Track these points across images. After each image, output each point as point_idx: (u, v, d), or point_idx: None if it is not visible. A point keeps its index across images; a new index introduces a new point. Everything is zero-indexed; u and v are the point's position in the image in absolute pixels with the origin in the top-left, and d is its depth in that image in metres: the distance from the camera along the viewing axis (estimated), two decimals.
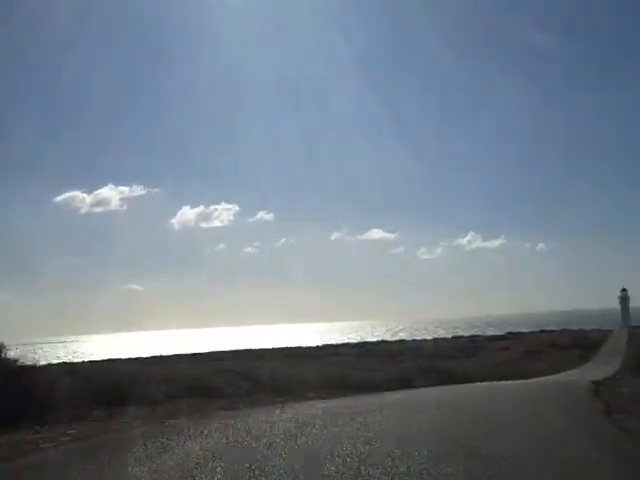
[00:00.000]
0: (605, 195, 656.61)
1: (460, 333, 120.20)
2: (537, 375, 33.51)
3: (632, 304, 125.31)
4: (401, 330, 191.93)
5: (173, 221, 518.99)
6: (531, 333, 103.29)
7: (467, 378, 23.49)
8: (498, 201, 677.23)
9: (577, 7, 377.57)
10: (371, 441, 9.62)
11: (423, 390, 18.21)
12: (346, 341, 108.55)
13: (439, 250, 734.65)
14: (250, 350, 76.09)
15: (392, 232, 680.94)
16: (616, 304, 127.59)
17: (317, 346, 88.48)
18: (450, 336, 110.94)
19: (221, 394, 18.88)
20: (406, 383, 21.54)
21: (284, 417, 12.35)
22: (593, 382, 17.05)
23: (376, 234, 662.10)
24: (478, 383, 21.08)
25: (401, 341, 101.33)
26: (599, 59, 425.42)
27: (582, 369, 36.41)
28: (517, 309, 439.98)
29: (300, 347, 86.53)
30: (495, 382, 20.53)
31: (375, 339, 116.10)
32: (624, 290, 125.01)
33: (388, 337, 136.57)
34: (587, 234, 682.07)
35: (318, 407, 13.67)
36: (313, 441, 9.84)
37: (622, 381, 18.41)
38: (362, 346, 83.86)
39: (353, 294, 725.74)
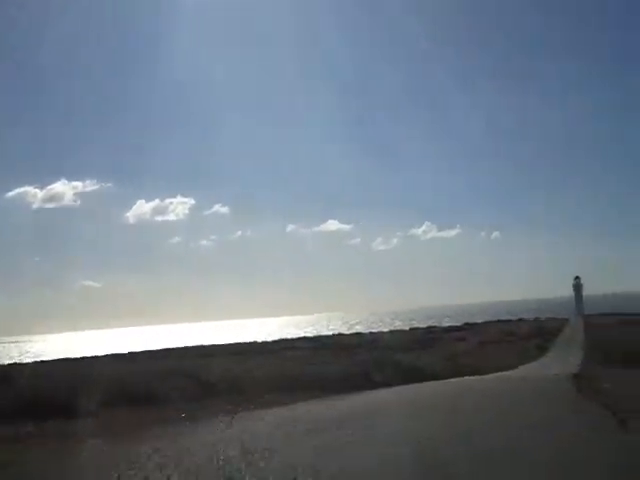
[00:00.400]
0: (558, 185, 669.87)
1: (416, 324, 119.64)
2: (500, 368, 32.55)
3: (585, 292, 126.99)
4: (358, 323, 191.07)
5: (128, 215, 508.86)
6: (487, 323, 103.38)
7: (431, 373, 21.90)
8: (453, 191, 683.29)
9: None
10: None
11: (384, 393, 16.27)
12: (302, 335, 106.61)
13: (395, 241, 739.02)
14: (203, 346, 73.58)
15: (348, 223, 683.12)
16: (570, 292, 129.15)
17: (273, 341, 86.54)
18: (407, 327, 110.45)
19: (165, 399, 16.93)
20: (364, 380, 19.91)
21: (227, 436, 10.36)
22: (575, 376, 15.60)
23: (332, 225, 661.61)
24: (443, 380, 19.43)
25: (358, 334, 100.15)
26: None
27: (545, 360, 35.54)
28: (473, 299, 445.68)
29: (255, 342, 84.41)
30: (461, 378, 18.73)
31: (331, 332, 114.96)
32: (577, 278, 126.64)
33: (344, 330, 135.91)
34: (541, 222, 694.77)
35: (269, 420, 11.59)
36: None
37: (599, 375, 17.15)
38: (318, 340, 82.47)
39: (310, 287, 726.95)
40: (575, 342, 50.44)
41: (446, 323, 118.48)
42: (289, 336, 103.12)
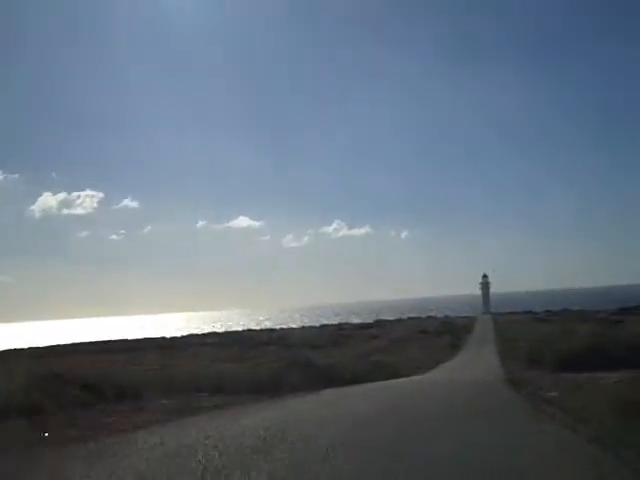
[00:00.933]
0: (466, 186, 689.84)
1: (325, 322, 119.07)
2: (419, 367, 31.52)
3: (493, 290, 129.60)
4: (267, 319, 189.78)
5: (33, 208, 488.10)
6: (399, 320, 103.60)
7: (350, 374, 20.12)
8: (363, 190, 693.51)
9: None
10: None
11: (297, 405, 13.65)
12: (212, 330, 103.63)
13: (306, 238, 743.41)
14: (103, 342, 69.29)
15: (259, 220, 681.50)
16: (476, 290, 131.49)
17: (182, 336, 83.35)
18: (317, 324, 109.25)
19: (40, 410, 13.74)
20: (274, 385, 17.71)
21: None
22: (511, 382, 13.96)
23: (242, 222, 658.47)
24: (361, 385, 17.52)
25: (270, 330, 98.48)
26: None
27: (461, 359, 34.98)
28: (382, 296, 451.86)
29: (164, 338, 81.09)
30: (386, 382, 16.93)
31: (241, 328, 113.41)
32: (485, 277, 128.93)
33: (253, 325, 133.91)
34: (450, 223, 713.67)
35: (142, 457, 6.94)
36: None
37: (536, 380, 15.69)
38: (227, 336, 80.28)
39: (219, 283, 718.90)
40: (487, 340, 50.21)
41: (354, 320, 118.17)
42: (197, 331, 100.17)
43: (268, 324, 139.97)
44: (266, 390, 17.18)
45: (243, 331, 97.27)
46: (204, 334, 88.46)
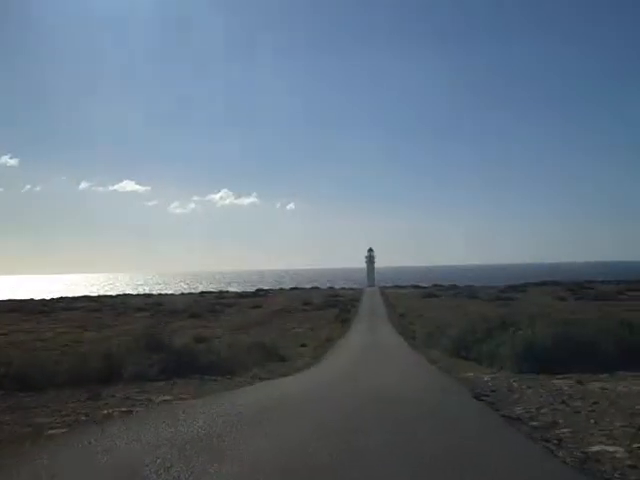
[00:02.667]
0: (352, 159, 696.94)
1: (207, 289, 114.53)
2: (304, 344, 27.42)
3: (377, 264, 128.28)
4: (148, 284, 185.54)
5: None
6: (282, 290, 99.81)
7: (216, 356, 15.11)
8: (251, 160, 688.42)
9: None
10: None
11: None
12: (86, 294, 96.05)
13: (192, 205, 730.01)
14: None
15: (145, 185, 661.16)
16: (362, 264, 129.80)
17: (52, 299, 76.26)
18: (198, 291, 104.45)
19: None
20: (103, 373, 12.33)
21: None
22: (481, 400, 8.79)
23: (128, 186, 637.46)
24: (223, 383, 12.51)
25: (147, 295, 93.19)
26: None
27: (360, 339, 29.29)
28: (267, 266, 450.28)
29: (32, 300, 73.57)
30: (252, 388, 12.04)
31: (116, 293, 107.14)
32: (370, 250, 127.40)
33: (131, 290, 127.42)
34: (336, 195, 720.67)
35: None
36: None
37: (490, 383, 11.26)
38: (100, 300, 73.88)
39: (103, 246, 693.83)
40: (378, 314, 46.39)
41: (237, 289, 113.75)
42: (71, 295, 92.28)
43: (147, 289, 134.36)
44: (90, 381, 11.85)
45: (118, 295, 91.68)
46: (74, 298, 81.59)
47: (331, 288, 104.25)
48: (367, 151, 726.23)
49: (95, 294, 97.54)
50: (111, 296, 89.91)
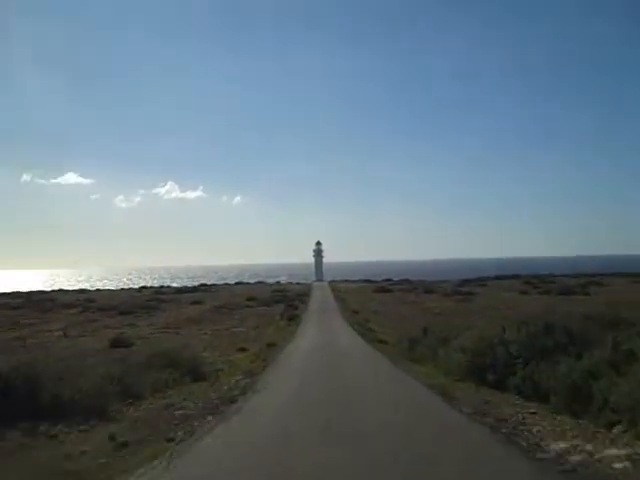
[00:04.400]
0: (300, 153, 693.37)
1: (148, 284, 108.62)
2: (244, 347, 21.93)
3: (326, 259, 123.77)
4: (100, 279, 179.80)
5: None
6: (226, 285, 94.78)
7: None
8: (198, 153, 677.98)
9: None
10: None
11: None
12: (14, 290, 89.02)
13: (138, 199, 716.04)
14: None
15: (89, 177, 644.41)
16: (310, 259, 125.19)
17: None
18: (137, 286, 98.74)
19: None
20: None
21: None
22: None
23: (71, 178, 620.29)
24: None
25: (81, 291, 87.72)
26: None
27: (309, 340, 24.10)
28: (212, 261, 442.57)
29: None
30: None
31: (50, 288, 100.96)
32: (319, 243, 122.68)
33: (66, 286, 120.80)
34: (281, 190, 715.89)
35: None
36: None
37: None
38: (26, 297, 67.84)
39: (45, 241, 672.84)
40: (329, 310, 41.68)
41: (177, 284, 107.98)
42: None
43: (88, 285, 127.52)
44: None
45: (52, 291, 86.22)
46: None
47: (278, 283, 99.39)
48: (314, 144, 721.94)
49: (23, 290, 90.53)
50: (44, 292, 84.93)
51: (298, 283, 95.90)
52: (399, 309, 41.71)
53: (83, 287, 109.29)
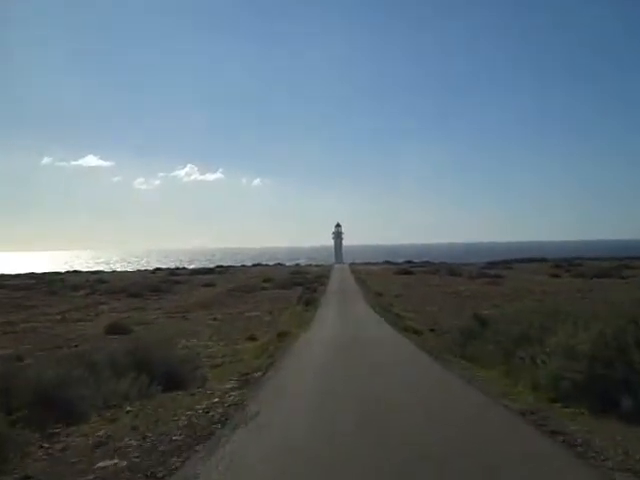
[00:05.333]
0: (322, 135, 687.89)
1: (164, 265, 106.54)
2: (254, 330, 18.60)
3: (345, 242, 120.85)
4: (119, 261, 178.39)
5: None
6: (242, 267, 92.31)
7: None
8: (217, 134, 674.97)
9: None
10: None
11: None
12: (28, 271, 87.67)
13: (157, 182, 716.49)
14: None
15: (109, 160, 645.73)
16: (330, 242, 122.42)
17: None
18: (152, 268, 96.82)
19: None
20: None
21: None
22: None
23: (91, 161, 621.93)
24: None
25: (95, 272, 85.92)
26: None
27: (327, 329, 20.39)
28: (233, 243, 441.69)
29: None
30: None
31: (65, 269, 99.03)
32: (338, 226, 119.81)
33: (88, 268, 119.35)
34: (301, 172, 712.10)
35: None
36: None
37: None
38: (38, 278, 66.67)
39: (66, 223, 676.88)
40: (350, 293, 38.93)
41: (197, 265, 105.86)
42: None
43: (106, 267, 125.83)
44: None
45: (65, 272, 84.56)
46: (13, 275, 73.43)
47: (296, 265, 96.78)
48: (335, 127, 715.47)
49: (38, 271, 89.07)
50: (59, 273, 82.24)
51: (317, 265, 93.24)
52: (425, 292, 38.83)
53: (100, 269, 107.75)
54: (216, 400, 9.13)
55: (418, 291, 39.44)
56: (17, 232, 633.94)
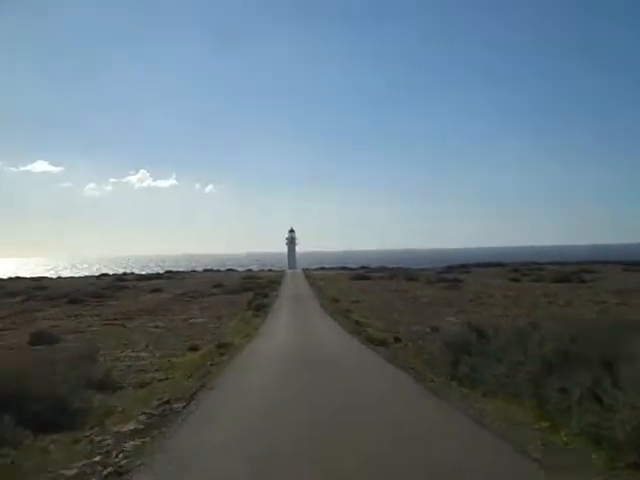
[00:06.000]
0: (270, 140, 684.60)
1: (118, 271, 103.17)
2: (196, 339, 14.82)
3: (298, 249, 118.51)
4: (67, 267, 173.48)
5: None
6: (193, 273, 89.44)
7: None
8: (169, 140, 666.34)
9: None
10: None
11: None
12: None
13: (109, 188, 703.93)
14: None
15: (58, 165, 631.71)
16: (282, 248, 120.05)
17: None
18: (98, 273, 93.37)
19: None
20: None
21: None
22: None
23: (41, 166, 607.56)
24: None
25: (37, 279, 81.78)
26: None
27: (279, 338, 18.30)
28: (186, 250, 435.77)
29: None
30: None
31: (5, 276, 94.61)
32: (292, 231, 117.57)
33: (32, 274, 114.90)
34: (254, 177, 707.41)
35: None
36: None
37: None
38: None
39: (12, 229, 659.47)
40: (303, 297, 36.82)
41: (147, 272, 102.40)
42: None
43: (51, 273, 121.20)
44: None
45: (8, 279, 79.89)
46: None
47: (249, 270, 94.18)
48: (287, 132, 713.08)
49: None
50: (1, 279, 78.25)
51: (270, 270, 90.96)
52: (383, 297, 36.95)
53: (47, 275, 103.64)
54: (97, 459, 6.32)
55: (376, 297, 37.51)
56: None
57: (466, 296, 35.72)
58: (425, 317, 25.20)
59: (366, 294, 39.78)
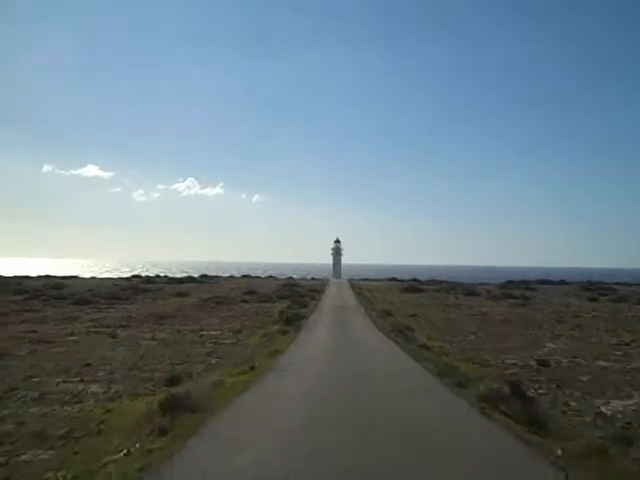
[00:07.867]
0: (319, 153, 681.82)
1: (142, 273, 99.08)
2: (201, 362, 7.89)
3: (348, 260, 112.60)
4: (109, 269, 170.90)
5: None
6: (230, 278, 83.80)
7: None
8: (218, 149, 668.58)
9: None
10: None
11: None
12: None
13: (157, 194, 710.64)
14: None
15: (109, 170, 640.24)
16: (328, 259, 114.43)
17: None
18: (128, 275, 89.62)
19: None
20: None
21: None
22: None
23: (91, 171, 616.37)
24: None
25: (64, 277, 78.89)
26: None
27: (309, 374, 11.34)
28: (232, 258, 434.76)
29: None
30: None
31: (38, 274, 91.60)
32: (337, 241, 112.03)
33: (58, 273, 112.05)
34: (301, 188, 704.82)
35: None
36: None
37: None
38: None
39: (64, 230, 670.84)
40: (349, 307, 30.64)
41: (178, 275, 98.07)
42: None
43: (88, 274, 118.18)
44: None
45: (39, 277, 77.25)
46: None
47: (290, 278, 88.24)
48: (335, 144, 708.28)
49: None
50: (29, 277, 74.57)
51: (313, 278, 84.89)
52: (446, 313, 30.30)
53: (81, 275, 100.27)
54: None
55: (435, 312, 30.97)
56: (17, 238, 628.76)
57: (546, 315, 28.98)
58: (515, 342, 18.65)
59: (423, 308, 33.22)
